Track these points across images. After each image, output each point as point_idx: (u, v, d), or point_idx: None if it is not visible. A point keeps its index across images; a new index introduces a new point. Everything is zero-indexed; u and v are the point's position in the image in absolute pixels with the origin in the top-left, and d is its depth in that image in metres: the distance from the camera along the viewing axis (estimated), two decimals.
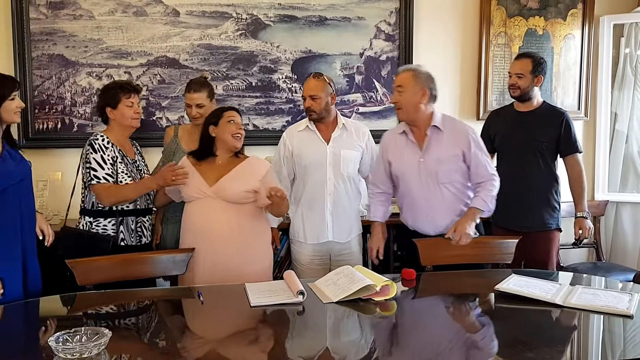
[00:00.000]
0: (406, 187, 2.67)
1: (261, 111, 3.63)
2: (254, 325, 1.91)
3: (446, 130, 2.61)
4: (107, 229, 2.54)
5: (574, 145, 3.01)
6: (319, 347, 1.73)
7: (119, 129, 2.63)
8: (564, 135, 2.99)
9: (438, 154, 2.59)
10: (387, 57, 3.75)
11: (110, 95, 2.59)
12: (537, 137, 2.98)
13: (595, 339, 1.86)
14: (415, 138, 2.64)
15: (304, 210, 2.88)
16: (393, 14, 3.72)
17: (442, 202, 2.61)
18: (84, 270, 2.25)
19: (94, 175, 2.51)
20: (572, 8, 3.93)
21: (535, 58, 3.02)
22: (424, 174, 2.60)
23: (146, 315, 2.04)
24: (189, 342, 1.78)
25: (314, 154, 2.83)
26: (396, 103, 2.61)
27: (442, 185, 2.60)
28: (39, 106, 3.38)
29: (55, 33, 3.36)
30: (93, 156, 2.52)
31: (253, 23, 3.57)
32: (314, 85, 2.80)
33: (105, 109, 2.60)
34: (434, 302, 2.20)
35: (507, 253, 2.60)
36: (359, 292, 2.01)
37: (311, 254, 2.89)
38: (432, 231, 2.64)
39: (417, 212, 2.67)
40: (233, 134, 2.52)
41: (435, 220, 2.63)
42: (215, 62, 3.54)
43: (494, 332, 1.90)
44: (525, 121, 3.03)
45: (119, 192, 2.51)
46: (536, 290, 2.08)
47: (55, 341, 1.55)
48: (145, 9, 3.45)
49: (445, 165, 2.58)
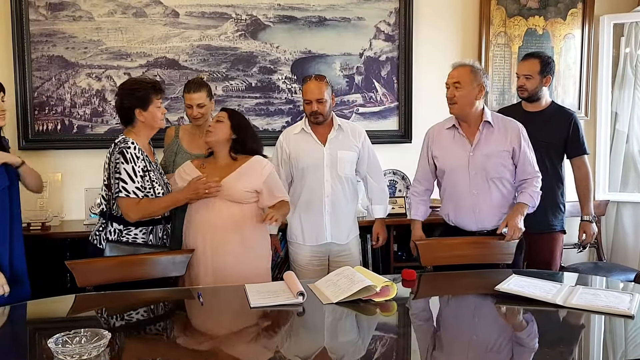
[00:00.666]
0: (452, 182, 2.67)
1: (261, 112, 3.63)
2: (254, 326, 1.91)
3: (496, 126, 2.64)
4: (137, 237, 2.44)
5: (582, 146, 2.99)
6: (319, 348, 1.73)
7: (145, 131, 2.46)
8: (571, 136, 2.97)
9: (488, 149, 2.61)
10: (387, 58, 3.75)
11: (140, 96, 2.40)
12: (544, 138, 2.94)
13: (596, 339, 1.85)
14: (465, 132, 2.65)
15: (302, 212, 2.87)
16: (392, 14, 3.72)
17: (489, 198, 2.62)
18: (84, 271, 2.25)
19: (123, 187, 2.34)
20: (572, 7, 3.93)
21: (543, 58, 3.00)
22: (474, 168, 2.61)
23: (146, 317, 2.04)
24: (189, 344, 1.78)
25: (311, 156, 2.83)
26: (452, 98, 2.61)
27: (491, 180, 2.61)
28: (38, 107, 3.38)
29: (54, 34, 3.36)
30: (124, 167, 2.34)
31: (252, 24, 3.57)
32: (318, 88, 2.78)
33: (135, 110, 2.41)
34: (434, 303, 2.19)
35: (507, 253, 2.59)
36: (359, 293, 2.01)
37: (309, 255, 2.88)
38: (474, 227, 2.66)
39: (461, 207, 2.67)
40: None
41: (481, 216, 2.64)
42: (214, 63, 3.54)
43: (494, 333, 1.90)
44: (533, 121, 2.98)
45: (149, 207, 2.38)
46: (537, 290, 2.08)
47: (55, 343, 1.55)
48: (144, 10, 3.45)
49: (495, 160, 2.60)
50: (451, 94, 2.61)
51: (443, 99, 2.85)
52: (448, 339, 1.84)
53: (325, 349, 1.72)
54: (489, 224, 2.65)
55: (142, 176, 2.39)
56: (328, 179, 2.82)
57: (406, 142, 3.78)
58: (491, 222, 2.65)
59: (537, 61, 2.97)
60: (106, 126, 3.46)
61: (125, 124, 2.47)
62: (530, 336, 1.84)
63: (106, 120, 3.45)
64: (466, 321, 1.99)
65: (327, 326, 1.93)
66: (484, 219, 2.64)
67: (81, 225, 3.28)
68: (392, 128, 3.79)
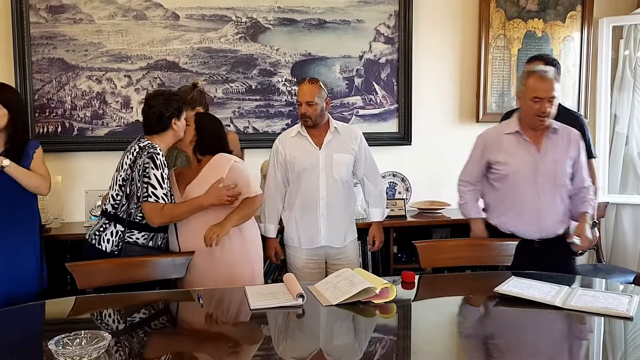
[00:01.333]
0: (514, 187, 2.60)
1: (261, 114, 3.63)
2: (253, 328, 1.91)
3: (560, 133, 2.61)
4: (138, 241, 2.45)
5: (588, 150, 2.90)
6: (318, 350, 1.73)
7: (172, 139, 2.55)
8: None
9: (555, 155, 2.58)
10: (387, 60, 3.75)
11: (178, 107, 2.53)
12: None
13: (596, 341, 1.85)
14: (529, 138, 2.60)
15: (297, 215, 2.87)
16: (392, 16, 3.72)
17: (554, 205, 2.58)
18: (84, 273, 2.25)
19: (153, 192, 2.36)
20: (571, 10, 3.93)
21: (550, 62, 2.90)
22: (542, 174, 2.56)
23: (146, 319, 2.04)
24: (189, 345, 1.78)
25: (306, 159, 2.83)
26: (548, 113, 2.52)
27: (557, 187, 2.57)
28: (39, 110, 3.39)
29: (55, 37, 3.37)
30: (154, 172, 2.38)
31: (253, 26, 3.58)
32: (309, 91, 2.78)
33: (172, 119, 2.50)
34: (433, 305, 2.20)
35: (506, 255, 2.60)
36: (358, 295, 2.01)
37: (305, 258, 2.88)
38: (537, 235, 2.59)
39: (524, 214, 2.59)
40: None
41: (545, 224, 2.57)
42: (214, 66, 3.55)
43: (493, 335, 1.90)
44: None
45: (173, 212, 2.41)
46: (535, 292, 2.08)
47: (55, 344, 1.55)
48: (145, 12, 3.46)
49: (562, 168, 2.58)
50: (545, 109, 2.49)
51: (442, 101, 2.88)
52: (448, 339, 1.84)
53: (323, 351, 1.72)
54: (552, 232, 2.58)
55: (167, 182, 2.44)
56: (323, 181, 2.82)
57: (406, 145, 3.79)
58: (555, 229, 2.59)
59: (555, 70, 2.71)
60: (106, 128, 3.46)
61: (158, 131, 2.51)
62: (530, 337, 1.84)
63: (106, 122, 3.46)
64: (466, 322, 1.99)
65: (327, 328, 1.93)
66: (548, 226, 2.58)
67: (81, 227, 3.28)
68: (392, 130, 3.80)
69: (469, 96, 3.91)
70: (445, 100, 3.88)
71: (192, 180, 2.49)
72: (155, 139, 2.50)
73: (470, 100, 3.91)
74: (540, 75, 2.52)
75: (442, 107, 3.89)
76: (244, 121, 3.59)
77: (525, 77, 2.58)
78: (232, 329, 1.92)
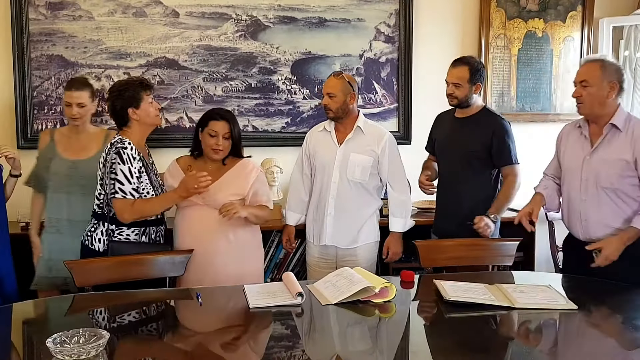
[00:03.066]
0: (567, 184, 2.51)
1: (260, 112, 3.62)
2: (252, 327, 1.90)
3: (626, 131, 2.36)
4: (129, 238, 2.42)
5: (507, 156, 2.74)
6: (316, 349, 1.73)
7: (140, 129, 2.46)
8: (494, 145, 2.73)
9: (607, 155, 2.36)
10: (387, 59, 3.75)
11: (130, 95, 2.40)
12: (469, 146, 2.77)
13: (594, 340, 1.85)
14: (590, 133, 2.44)
15: (313, 210, 2.88)
16: (393, 15, 3.72)
17: (598, 208, 2.37)
18: (82, 271, 2.25)
19: (120, 188, 2.32)
20: (572, 10, 3.93)
21: (472, 65, 2.78)
22: (586, 172, 2.40)
23: (144, 317, 2.04)
24: (188, 344, 1.78)
25: (325, 155, 2.81)
26: (578, 97, 2.39)
27: (602, 189, 2.36)
28: (37, 107, 3.37)
29: (54, 34, 3.36)
30: (120, 167, 2.32)
31: (252, 24, 3.57)
32: (333, 83, 2.75)
33: (127, 110, 2.40)
34: (432, 305, 2.19)
35: (507, 255, 2.60)
36: (357, 294, 2.01)
37: (317, 256, 2.88)
38: (581, 237, 2.44)
39: (571, 212, 2.48)
40: (212, 147, 2.47)
41: (587, 226, 2.41)
42: (214, 63, 3.54)
43: (491, 335, 1.90)
44: (461, 128, 2.83)
45: (144, 208, 2.36)
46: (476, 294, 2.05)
47: (53, 342, 1.54)
48: (144, 10, 3.44)
49: (610, 169, 2.34)
50: (577, 93, 2.39)
51: (442, 101, 2.86)
52: (447, 339, 1.84)
53: (322, 350, 1.72)
54: (595, 236, 2.38)
55: (138, 177, 2.37)
56: (336, 180, 2.78)
57: (405, 144, 3.77)
58: (599, 234, 2.37)
59: (466, 68, 2.76)
60: (105, 126, 3.44)
61: (121, 126, 2.47)
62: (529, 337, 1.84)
63: (105, 119, 3.44)
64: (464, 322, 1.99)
65: (326, 327, 1.93)
66: (590, 229, 2.40)
67: None
68: (392, 129, 3.78)
69: None
70: (445, 99, 3.86)
71: (214, 180, 2.41)
72: (126, 133, 2.44)
73: None
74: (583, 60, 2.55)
75: (442, 106, 3.87)
76: (243, 119, 3.58)
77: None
78: (231, 328, 1.92)
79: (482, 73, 2.81)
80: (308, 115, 3.67)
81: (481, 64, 2.85)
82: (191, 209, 2.49)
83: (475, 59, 2.87)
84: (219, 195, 2.45)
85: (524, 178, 2.78)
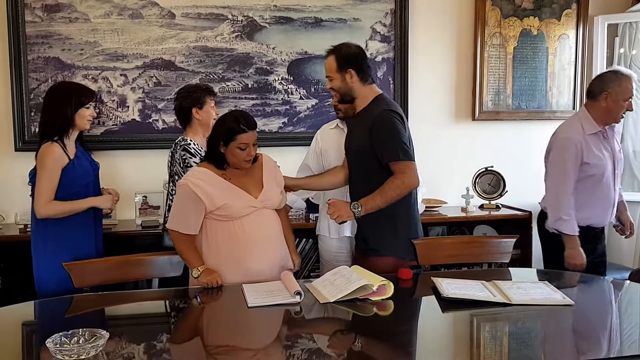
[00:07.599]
0: (601, 184, 2.80)
1: (257, 113, 3.63)
2: (251, 326, 1.91)
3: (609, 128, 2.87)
4: None
5: (388, 151, 2.35)
6: (315, 348, 1.74)
7: (202, 129, 2.75)
8: (374, 139, 2.37)
9: (618, 145, 2.91)
10: (383, 59, 3.76)
11: (197, 97, 2.75)
12: (355, 143, 2.50)
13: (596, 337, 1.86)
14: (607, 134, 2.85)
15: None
16: (388, 15, 3.73)
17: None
18: (81, 272, 2.25)
19: None
20: (567, 8, 3.95)
21: (340, 51, 2.44)
22: (619, 166, 2.87)
23: (144, 317, 2.04)
24: (187, 344, 1.78)
25: (337, 151, 2.75)
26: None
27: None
28: (35, 109, 3.37)
29: (50, 36, 3.36)
30: (194, 160, 2.60)
31: (249, 25, 3.58)
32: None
33: (192, 109, 2.74)
34: (430, 302, 2.20)
35: (504, 252, 2.61)
36: (355, 292, 2.01)
37: (335, 250, 2.87)
38: (607, 222, 2.91)
39: (608, 205, 2.86)
40: (245, 160, 2.26)
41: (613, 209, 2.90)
42: (211, 64, 3.55)
43: (489, 332, 1.91)
44: (353, 124, 2.56)
45: None
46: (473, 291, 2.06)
47: (53, 343, 1.55)
48: (140, 11, 3.45)
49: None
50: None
51: (438, 99, 2.88)
52: (444, 336, 1.85)
53: (321, 348, 1.73)
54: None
55: None
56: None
57: None
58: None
59: (332, 58, 2.43)
60: (103, 127, 3.45)
61: (184, 124, 2.80)
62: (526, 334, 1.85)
63: (102, 121, 3.45)
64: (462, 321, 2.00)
65: (324, 325, 1.94)
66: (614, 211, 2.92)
67: None
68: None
69: (465, 94, 3.91)
70: (441, 98, 3.89)
71: (258, 182, 2.35)
72: (189, 132, 2.76)
73: (466, 98, 3.91)
74: (631, 78, 2.79)
75: (438, 105, 3.90)
76: None
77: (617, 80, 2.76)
78: (230, 328, 1.92)
79: (353, 58, 2.42)
80: (305, 115, 3.68)
81: (356, 48, 2.48)
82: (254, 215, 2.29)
83: (348, 44, 2.51)
84: (273, 195, 2.35)
85: (522, 174, 2.79)
